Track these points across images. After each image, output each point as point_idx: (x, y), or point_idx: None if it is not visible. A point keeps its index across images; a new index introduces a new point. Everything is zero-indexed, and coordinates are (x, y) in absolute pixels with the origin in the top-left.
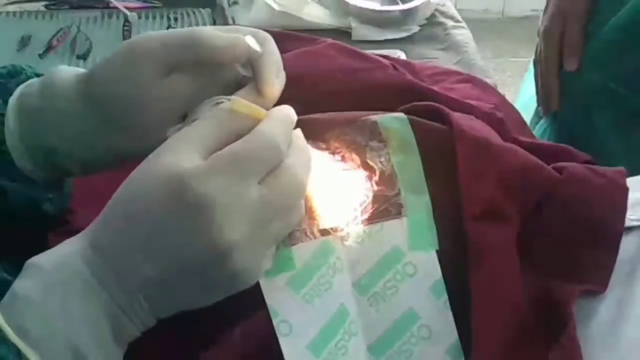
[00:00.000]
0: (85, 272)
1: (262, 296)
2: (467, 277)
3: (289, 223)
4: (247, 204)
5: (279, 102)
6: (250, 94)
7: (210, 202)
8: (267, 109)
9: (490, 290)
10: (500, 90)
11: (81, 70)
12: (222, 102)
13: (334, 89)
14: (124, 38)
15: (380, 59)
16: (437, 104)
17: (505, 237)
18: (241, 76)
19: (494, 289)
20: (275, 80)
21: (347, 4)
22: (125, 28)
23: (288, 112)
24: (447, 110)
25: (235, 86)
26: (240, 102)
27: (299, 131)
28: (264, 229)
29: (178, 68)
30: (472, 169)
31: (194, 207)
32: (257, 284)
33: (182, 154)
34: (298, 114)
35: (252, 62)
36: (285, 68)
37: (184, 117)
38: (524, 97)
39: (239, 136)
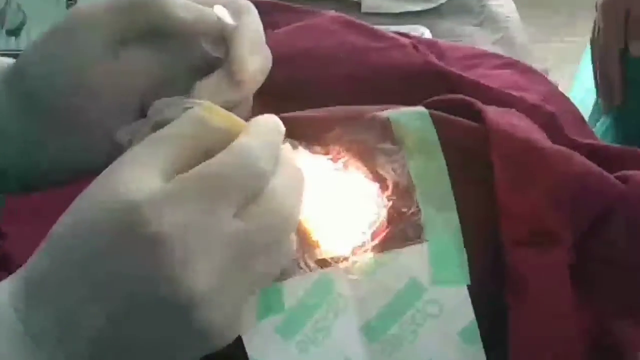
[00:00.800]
0: (17, 329)
1: (243, 346)
2: (506, 319)
3: (276, 262)
4: (218, 241)
5: (264, 91)
6: (221, 80)
7: (167, 238)
8: (243, 100)
9: (536, 334)
10: (552, 77)
11: (8, 60)
12: (189, 107)
13: (336, 76)
14: (68, 7)
15: (397, 36)
16: (467, 97)
17: (556, 266)
18: (213, 57)
19: (540, 332)
20: (250, 61)
21: None
22: None
23: (274, 122)
24: (479, 103)
25: (207, 70)
26: (213, 109)
27: (287, 146)
28: (242, 272)
29: (131, 42)
30: (513, 179)
31: (147, 244)
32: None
33: (137, 175)
34: (288, 107)
35: (225, 39)
36: (272, 48)
37: (141, 113)
38: (580, 88)
39: (210, 153)
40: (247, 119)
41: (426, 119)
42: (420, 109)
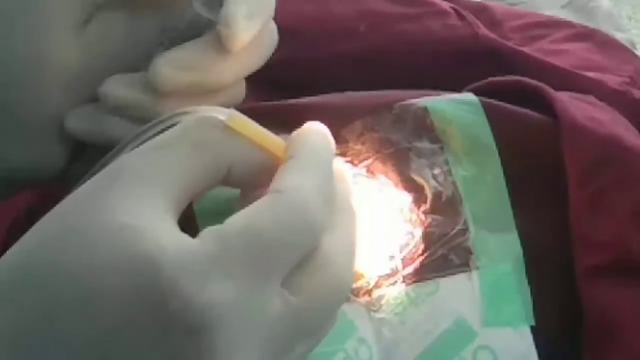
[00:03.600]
0: None
1: None
2: None
3: (318, 340)
4: (264, 323)
5: (260, 74)
6: (206, 49)
7: (210, 323)
8: (233, 82)
9: None
10: None
11: None
12: (192, 113)
13: (356, 51)
14: None
15: (436, 0)
16: (532, 80)
17: None
18: (205, 19)
19: None
20: (244, 25)
21: None
22: None
23: (326, 140)
24: (548, 88)
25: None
26: (239, 121)
27: (341, 171)
28: (283, 355)
29: (103, 6)
30: (592, 190)
31: (184, 329)
32: None
33: (156, 217)
34: (290, 96)
35: None
36: (275, 15)
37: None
38: None
39: (233, 182)
40: (239, 108)
41: (477, 110)
42: (469, 96)
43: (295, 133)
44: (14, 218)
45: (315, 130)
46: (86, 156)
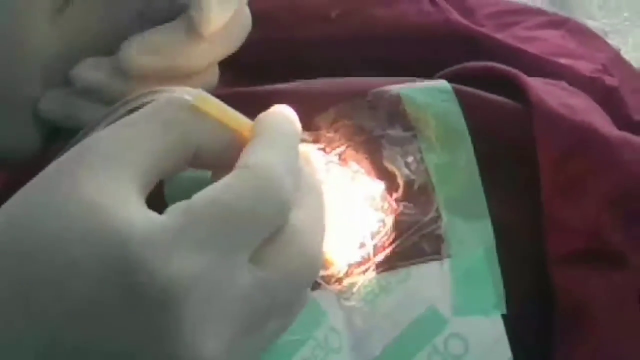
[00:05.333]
0: None
1: None
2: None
3: (292, 317)
4: (233, 296)
5: (232, 60)
6: (177, 33)
7: (176, 295)
8: (205, 67)
9: None
10: (613, 41)
11: None
12: (160, 93)
13: (330, 37)
14: None
15: None
16: (504, 67)
17: (620, 292)
18: (183, 3)
19: None
20: (216, 8)
21: None
22: None
23: (290, 121)
24: (521, 75)
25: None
26: (208, 101)
27: (306, 153)
28: (255, 332)
29: None
30: (567, 178)
31: (148, 301)
32: None
33: (124, 194)
34: (263, 82)
35: None
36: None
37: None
38: None
39: (201, 162)
40: (213, 93)
41: (450, 97)
42: (442, 83)
43: (261, 114)
44: None
45: (281, 112)
46: (61, 140)
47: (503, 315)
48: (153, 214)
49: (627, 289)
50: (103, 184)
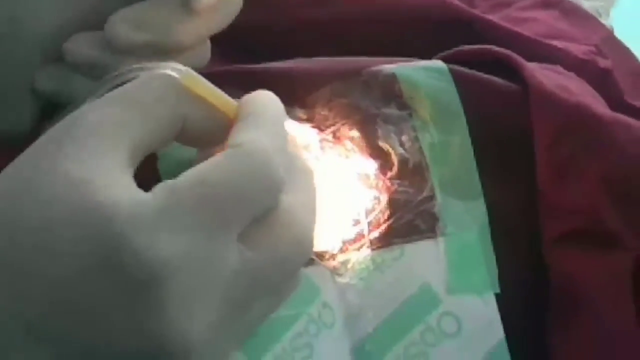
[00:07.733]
0: None
1: None
2: (549, 340)
3: (279, 300)
4: (220, 276)
5: (231, 35)
6: (166, 8)
7: (162, 274)
8: (196, 44)
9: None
10: (607, 22)
11: None
12: (149, 68)
13: (325, 18)
14: None
15: None
16: (500, 49)
17: (613, 272)
18: None
19: (595, 356)
20: None
21: None
22: None
23: (276, 103)
24: (516, 57)
25: None
26: (195, 79)
27: (293, 136)
28: (243, 315)
29: None
30: (561, 157)
31: (134, 281)
32: None
33: (110, 171)
34: (262, 58)
35: None
36: None
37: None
38: None
39: (187, 139)
40: (205, 72)
41: (446, 77)
42: (438, 63)
43: (246, 96)
44: None
45: (266, 94)
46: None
47: (496, 295)
48: (139, 192)
49: (621, 269)
50: (88, 161)
